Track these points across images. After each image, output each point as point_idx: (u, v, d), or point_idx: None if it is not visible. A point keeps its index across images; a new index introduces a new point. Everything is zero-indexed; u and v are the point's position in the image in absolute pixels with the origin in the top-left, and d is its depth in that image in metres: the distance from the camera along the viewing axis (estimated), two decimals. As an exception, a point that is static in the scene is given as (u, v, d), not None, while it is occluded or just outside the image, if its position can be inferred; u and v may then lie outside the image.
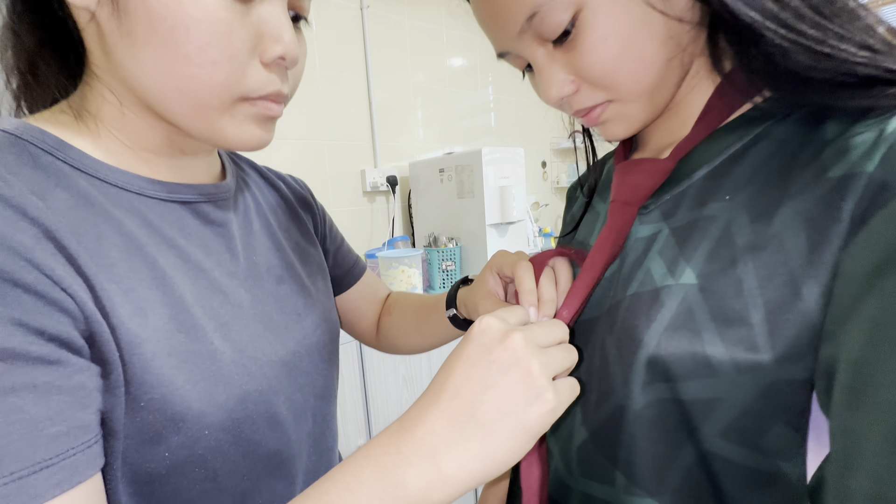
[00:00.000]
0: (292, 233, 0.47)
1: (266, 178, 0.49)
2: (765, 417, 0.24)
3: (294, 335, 0.40)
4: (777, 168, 0.26)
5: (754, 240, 0.25)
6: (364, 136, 1.65)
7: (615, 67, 0.28)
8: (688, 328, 0.26)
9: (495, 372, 0.24)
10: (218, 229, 0.38)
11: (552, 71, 0.31)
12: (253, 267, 0.39)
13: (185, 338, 0.31)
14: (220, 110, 0.30)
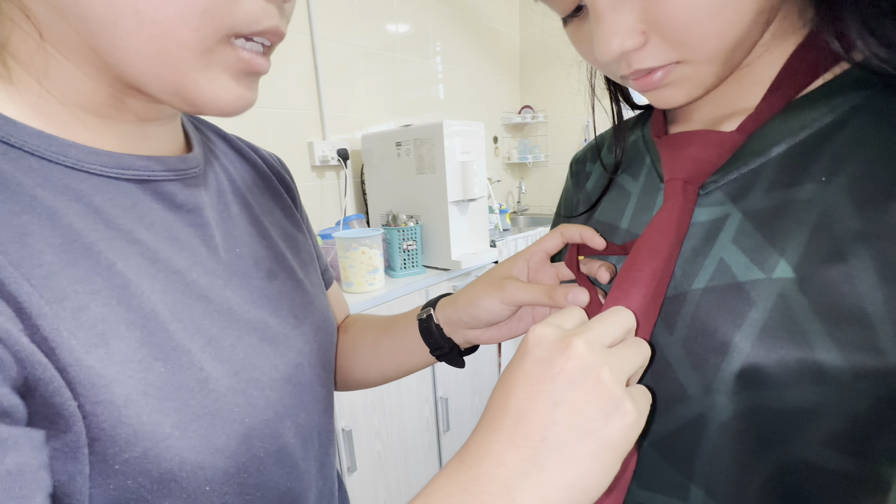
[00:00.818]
0: (276, 216, 0.39)
1: (237, 148, 0.40)
2: (881, 424, 0.23)
3: (294, 343, 0.33)
4: (885, 147, 0.23)
5: (866, 228, 0.22)
6: (311, 104, 1.50)
7: (704, 17, 0.23)
8: (790, 330, 0.23)
9: (561, 386, 0.20)
10: (189, 215, 0.29)
11: (619, 16, 0.25)
12: (237, 261, 0.32)
13: (165, 367, 0.23)
14: (198, 54, 0.23)
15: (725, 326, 0.25)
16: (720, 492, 0.26)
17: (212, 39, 0.23)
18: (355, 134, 1.63)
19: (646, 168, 0.36)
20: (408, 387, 1.33)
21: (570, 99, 2.29)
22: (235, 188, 0.36)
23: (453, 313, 0.38)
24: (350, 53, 1.59)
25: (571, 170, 0.48)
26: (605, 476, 0.20)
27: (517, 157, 2.38)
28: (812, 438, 0.24)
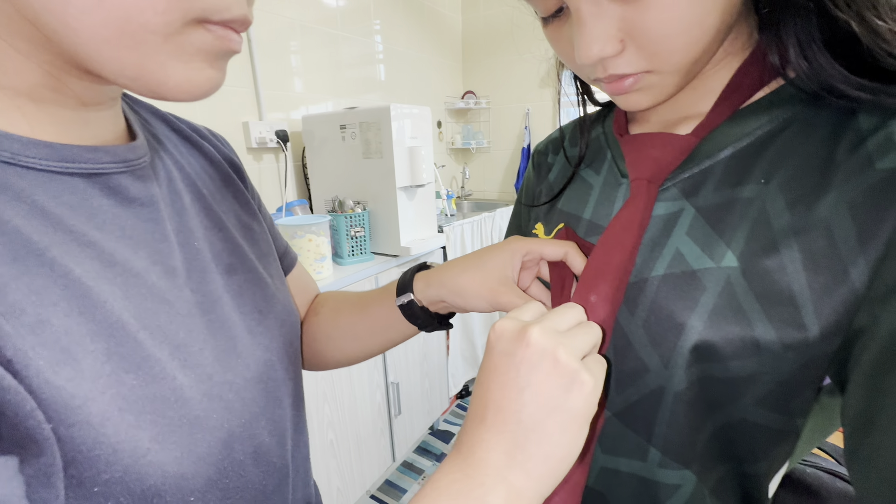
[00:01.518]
0: (230, 204, 0.37)
1: (178, 130, 0.37)
2: (800, 385, 0.27)
3: (261, 340, 0.32)
4: (813, 154, 0.27)
5: (795, 223, 0.26)
6: (245, 81, 1.39)
7: (676, 32, 0.26)
8: (734, 311, 0.27)
9: (524, 372, 0.24)
10: (143, 210, 0.27)
11: (601, 26, 0.27)
12: (195, 256, 0.30)
13: (137, 379, 0.22)
14: (165, 37, 0.21)
15: (681, 309, 0.29)
16: (673, 450, 0.30)
17: (179, 23, 0.21)
18: (292, 114, 1.54)
19: (607, 163, 0.39)
20: (359, 374, 1.32)
21: (512, 86, 2.34)
22: (185, 176, 0.33)
23: (437, 295, 0.38)
24: (287, 26, 1.49)
25: (534, 161, 0.50)
26: (576, 442, 0.23)
27: (461, 142, 2.40)
28: (749, 400, 0.28)
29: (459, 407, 2.01)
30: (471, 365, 1.93)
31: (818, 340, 0.25)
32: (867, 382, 0.24)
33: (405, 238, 1.42)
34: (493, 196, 2.54)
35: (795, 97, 0.29)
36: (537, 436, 0.23)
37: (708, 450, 0.30)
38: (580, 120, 0.43)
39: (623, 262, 0.31)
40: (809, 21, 0.26)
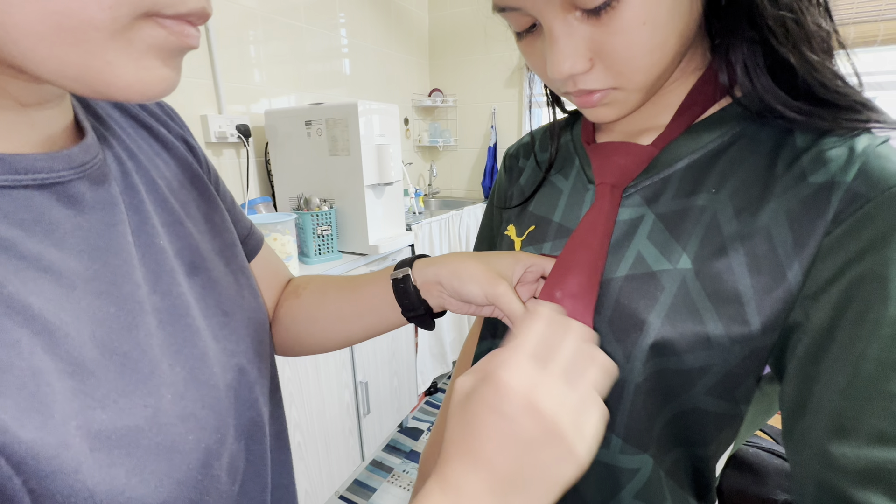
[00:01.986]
0: (189, 193, 0.34)
1: (126, 110, 0.33)
2: (743, 375, 0.30)
3: (227, 345, 0.31)
4: (757, 167, 0.30)
5: (741, 230, 0.29)
6: (203, 72, 1.33)
7: (641, 54, 0.28)
8: (689, 310, 0.29)
9: (526, 442, 0.23)
10: (104, 215, 0.25)
11: (572, 44, 0.29)
12: (159, 258, 0.28)
13: (108, 413, 0.21)
14: (112, 34, 0.19)
15: (642, 307, 0.31)
16: (633, 437, 0.33)
17: (128, 17, 0.19)
18: (253, 107, 1.49)
19: (576, 169, 0.41)
20: (327, 374, 1.30)
21: (478, 85, 2.36)
22: (138, 166, 0.31)
23: (434, 276, 0.37)
24: (247, 16, 1.43)
25: (505, 164, 0.51)
26: (552, 502, 0.24)
27: (428, 139, 2.40)
28: (700, 390, 0.31)
29: (428, 403, 2.02)
30: (439, 362, 1.95)
31: (759, 334, 0.28)
32: (800, 371, 0.27)
33: (373, 236, 1.41)
34: (461, 194, 2.56)
35: (742, 115, 0.32)
36: (525, 497, 0.23)
37: (664, 436, 0.33)
38: (550, 127, 0.45)
39: (590, 259, 0.33)
40: (755, 49, 0.29)
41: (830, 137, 0.28)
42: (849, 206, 0.26)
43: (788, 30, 0.27)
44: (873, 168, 0.25)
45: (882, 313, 0.24)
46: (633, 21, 0.27)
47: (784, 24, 0.27)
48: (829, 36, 0.27)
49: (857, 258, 0.25)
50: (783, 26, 0.27)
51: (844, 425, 0.25)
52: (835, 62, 0.28)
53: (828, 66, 0.27)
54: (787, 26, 0.27)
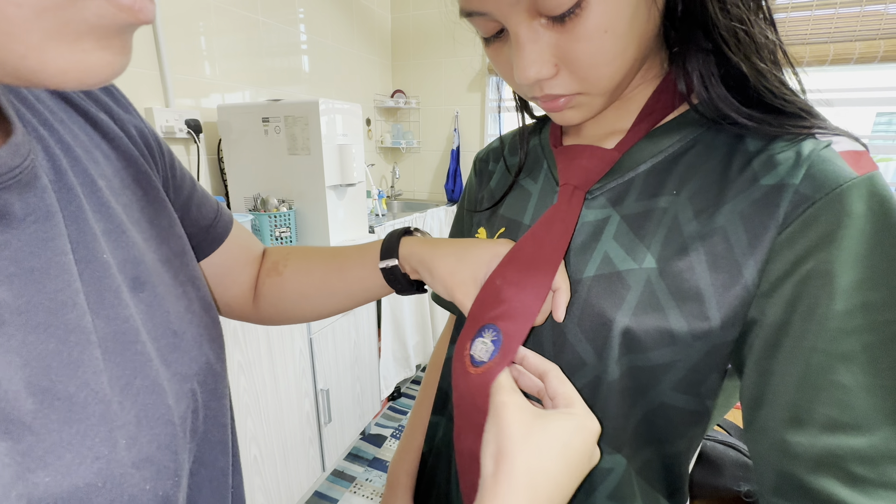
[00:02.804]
0: (133, 194, 0.30)
1: (60, 94, 0.29)
2: (707, 370, 0.31)
3: (178, 369, 0.27)
4: (713, 171, 0.31)
5: (701, 230, 0.30)
6: (148, 63, 1.23)
7: (603, 60, 0.29)
8: (653, 307, 0.30)
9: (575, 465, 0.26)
10: (38, 229, 0.21)
11: (537, 50, 0.29)
12: (103, 275, 0.24)
13: (50, 474, 0.18)
14: (35, 11, 0.16)
15: (610, 306, 0.31)
16: (607, 437, 0.33)
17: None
18: (203, 102, 1.40)
19: (544, 172, 0.42)
20: (286, 383, 1.25)
21: (442, 88, 2.36)
22: (74, 161, 0.26)
23: (415, 265, 0.39)
24: (198, 5, 1.35)
25: (475, 167, 0.52)
26: None
27: (390, 141, 2.37)
28: (667, 386, 0.32)
29: (391, 409, 1.99)
30: (402, 366, 1.92)
31: (720, 330, 0.29)
32: (757, 366, 0.28)
33: (335, 238, 1.37)
34: (424, 196, 2.55)
35: (698, 120, 0.33)
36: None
37: (636, 435, 0.33)
38: (520, 132, 0.46)
39: (540, 253, 0.33)
40: (709, 59, 0.31)
41: (779, 142, 0.30)
42: (797, 208, 0.27)
43: (740, 40, 0.28)
44: (818, 171, 0.27)
45: (829, 308, 0.25)
46: (596, 29, 0.28)
47: (736, 34, 0.28)
48: (776, 47, 0.29)
49: (805, 256, 0.26)
50: (735, 36, 0.28)
51: (799, 415, 0.26)
52: (782, 72, 0.30)
53: (775, 75, 0.29)
54: (738, 37, 0.28)
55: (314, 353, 1.36)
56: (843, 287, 0.25)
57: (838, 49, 1.67)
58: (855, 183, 0.26)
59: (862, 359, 0.25)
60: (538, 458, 0.25)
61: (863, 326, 0.25)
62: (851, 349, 0.25)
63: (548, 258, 0.33)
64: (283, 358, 1.22)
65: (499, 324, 0.32)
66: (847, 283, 0.25)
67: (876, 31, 1.62)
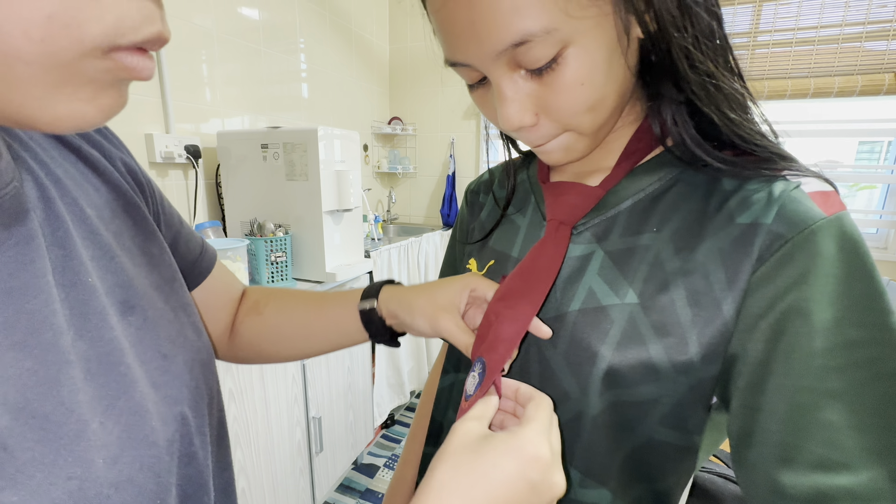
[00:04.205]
0: (123, 223, 0.31)
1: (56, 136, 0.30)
2: (692, 405, 0.31)
3: (168, 392, 0.28)
4: (693, 209, 0.32)
5: (681, 267, 0.31)
6: (150, 90, 1.26)
7: (581, 110, 0.31)
8: (636, 341, 0.31)
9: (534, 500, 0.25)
10: (18, 252, 0.22)
11: (518, 99, 0.31)
12: (88, 298, 0.25)
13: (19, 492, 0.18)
14: (46, 69, 0.17)
15: (594, 340, 0.32)
16: (592, 471, 0.33)
17: (70, 53, 0.17)
18: (202, 127, 1.42)
19: (531, 206, 0.43)
20: (277, 411, 1.22)
21: (437, 116, 2.42)
22: (64, 192, 0.27)
23: (393, 308, 0.40)
24: (202, 36, 1.39)
25: (466, 199, 0.53)
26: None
27: (387, 166, 2.40)
28: (653, 420, 0.32)
29: (385, 437, 1.94)
30: (397, 393, 1.89)
31: (701, 364, 0.30)
32: (743, 402, 0.29)
33: (330, 263, 1.37)
34: (420, 221, 2.57)
35: (676, 161, 0.35)
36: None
37: (624, 470, 0.33)
38: (506, 167, 0.47)
39: (528, 287, 0.34)
40: (682, 108, 0.32)
41: (753, 182, 0.31)
42: (771, 246, 0.28)
43: (709, 92, 0.30)
44: (788, 211, 0.28)
45: (810, 346, 0.26)
46: (573, 82, 0.29)
47: (705, 87, 0.30)
48: (744, 97, 0.31)
49: (782, 294, 0.27)
50: (704, 89, 0.30)
51: (789, 454, 0.26)
52: (751, 118, 0.31)
53: (745, 122, 0.31)
54: (707, 90, 0.30)
55: (307, 380, 1.33)
56: (822, 325, 0.26)
57: (818, 83, 1.74)
58: (824, 223, 0.27)
59: (847, 397, 0.25)
60: (454, 476, 0.24)
61: (846, 364, 0.25)
62: (836, 387, 0.25)
63: (534, 292, 0.33)
64: (275, 384, 1.20)
65: (485, 356, 0.33)
66: (825, 320, 0.26)
67: (853, 67, 1.70)
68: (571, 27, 0.27)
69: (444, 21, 0.30)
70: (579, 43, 0.28)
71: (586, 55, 0.28)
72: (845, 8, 1.67)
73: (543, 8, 0.26)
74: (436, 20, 0.30)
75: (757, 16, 1.80)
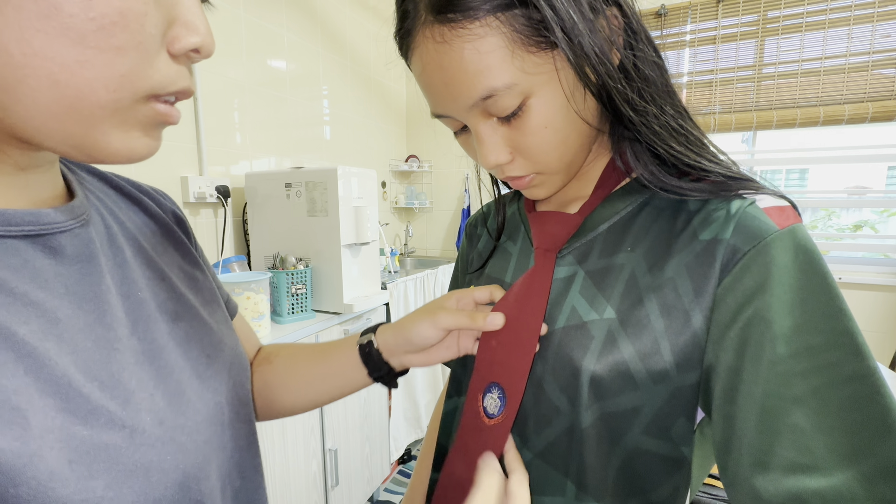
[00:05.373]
0: (172, 256, 0.38)
1: (119, 188, 0.38)
2: (673, 414, 0.33)
3: (211, 383, 0.33)
4: (662, 229, 0.35)
5: (653, 282, 0.34)
6: (187, 137, 1.38)
7: (548, 149, 0.35)
8: (614, 352, 0.33)
9: None
10: (83, 266, 0.28)
11: (494, 141, 0.35)
12: (139, 307, 0.31)
13: (87, 429, 0.23)
14: (113, 112, 0.23)
15: (577, 354, 0.34)
16: (588, 483, 0.34)
17: (129, 100, 0.23)
18: (232, 169, 1.54)
19: (521, 235, 0.47)
20: (294, 441, 1.23)
21: (452, 153, 2.52)
22: (125, 231, 0.34)
23: (392, 339, 0.42)
24: (234, 86, 1.52)
25: (466, 232, 0.57)
26: None
27: (404, 201, 2.49)
28: (637, 430, 0.33)
29: (402, 473, 1.91)
30: (413, 427, 1.87)
31: (676, 373, 0.32)
32: (720, 410, 0.30)
33: (348, 295, 1.41)
34: (436, 253, 2.62)
35: (644, 188, 0.38)
36: None
37: (617, 483, 0.34)
38: (495, 201, 0.51)
39: (523, 315, 0.37)
40: (638, 144, 0.36)
41: (713, 202, 0.34)
42: (731, 259, 0.31)
43: (654, 130, 0.34)
44: (744, 226, 0.31)
45: (774, 353, 0.27)
46: (537, 125, 0.33)
47: (649, 126, 0.34)
48: (691, 133, 0.35)
49: (745, 303, 0.29)
50: (648, 128, 0.34)
51: (762, 459, 0.27)
52: (701, 149, 0.35)
53: (692, 154, 0.34)
54: (652, 128, 0.34)
55: (324, 410, 1.35)
56: (783, 332, 0.27)
57: (828, 111, 1.75)
58: (778, 235, 0.29)
59: (813, 401, 0.26)
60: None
61: (809, 369, 0.27)
62: (802, 392, 0.27)
63: (530, 322, 0.37)
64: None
65: (501, 382, 0.36)
66: (786, 328, 0.27)
67: (863, 94, 1.71)
68: (529, 81, 0.32)
69: (424, 83, 0.35)
70: (538, 94, 0.32)
71: (545, 103, 0.33)
72: (848, 39, 1.71)
73: (503, 68, 0.31)
74: (419, 82, 0.36)
75: (760, 50, 1.85)
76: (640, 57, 0.34)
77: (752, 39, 1.85)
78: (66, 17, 0.20)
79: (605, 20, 0.32)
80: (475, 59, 0.31)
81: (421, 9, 0.32)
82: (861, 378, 0.26)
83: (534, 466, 0.36)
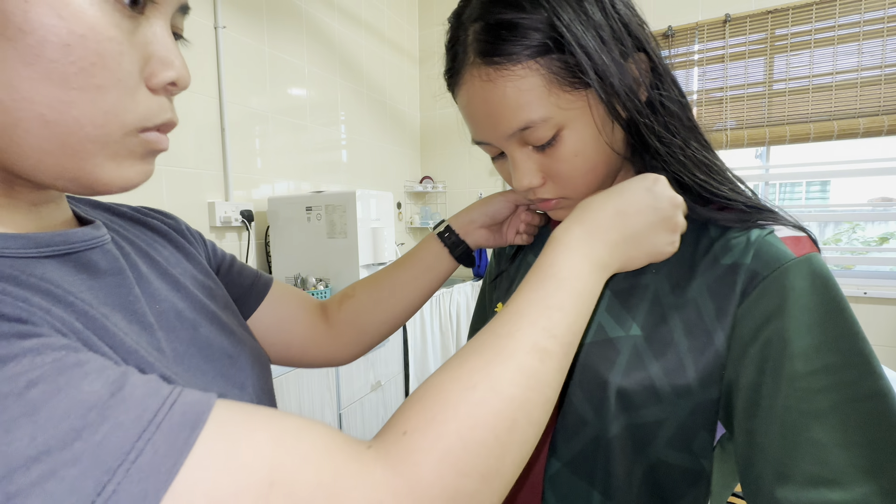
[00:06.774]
0: (184, 266, 0.40)
1: (123, 214, 0.41)
2: (695, 427, 0.34)
3: (234, 381, 0.35)
4: (684, 253, 0.37)
5: (676, 302, 0.36)
6: (213, 164, 1.45)
7: (578, 175, 0.38)
8: (640, 368, 0.35)
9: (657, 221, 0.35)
10: (115, 279, 0.31)
11: (528, 166, 0.38)
12: (161, 317, 0.33)
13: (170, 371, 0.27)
14: (103, 145, 0.25)
15: (603, 368, 0.36)
16: (612, 493, 0.36)
17: (118, 133, 0.25)
18: (254, 193, 1.60)
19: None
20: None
21: (465, 173, 2.57)
22: (137, 249, 0.36)
23: (466, 216, 0.51)
24: (255, 116, 1.61)
25: (494, 251, 0.60)
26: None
27: (419, 221, 2.54)
28: (661, 442, 0.35)
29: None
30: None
31: (699, 389, 0.33)
32: (742, 425, 0.32)
33: (366, 314, 1.44)
34: (450, 272, 2.64)
35: None
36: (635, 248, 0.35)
37: (640, 493, 0.36)
38: None
39: None
40: (668, 175, 0.38)
41: (733, 230, 0.36)
42: (751, 283, 0.33)
43: (680, 161, 0.37)
44: (763, 252, 0.33)
45: (793, 369, 0.29)
46: (569, 154, 0.36)
47: (675, 157, 0.37)
48: (713, 163, 0.38)
49: (764, 324, 0.31)
50: (674, 157, 0.37)
51: (784, 472, 0.29)
52: (723, 178, 0.38)
53: (712, 182, 0.37)
54: (678, 158, 0.37)
55: (343, 429, 1.37)
56: (801, 350, 0.29)
57: (842, 125, 1.75)
58: (795, 262, 0.31)
59: (832, 417, 0.28)
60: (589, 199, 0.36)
61: (828, 386, 0.28)
62: (821, 408, 0.28)
63: None
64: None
65: None
66: (804, 346, 0.29)
67: (877, 108, 1.70)
68: (563, 115, 0.35)
69: (468, 113, 0.39)
70: (571, 126, 0.35)
71: (577, 135, 0.36)
72: (859, 54, 1.71)
73: (539, 104, 0.34)
74: (462, 112, 0.40)
75: (769, 67, 1.87)
76: (666, 95, 0.37)
77: (761, 57, 1.88)
78: (48, 62, 0.21)
79: (634, 63, 0.36)
80: (516, 95, 0.34)
81: (470, 52, 0.36)
82: (879, 396, 0.28)
83: (561, 477, 0.38)
